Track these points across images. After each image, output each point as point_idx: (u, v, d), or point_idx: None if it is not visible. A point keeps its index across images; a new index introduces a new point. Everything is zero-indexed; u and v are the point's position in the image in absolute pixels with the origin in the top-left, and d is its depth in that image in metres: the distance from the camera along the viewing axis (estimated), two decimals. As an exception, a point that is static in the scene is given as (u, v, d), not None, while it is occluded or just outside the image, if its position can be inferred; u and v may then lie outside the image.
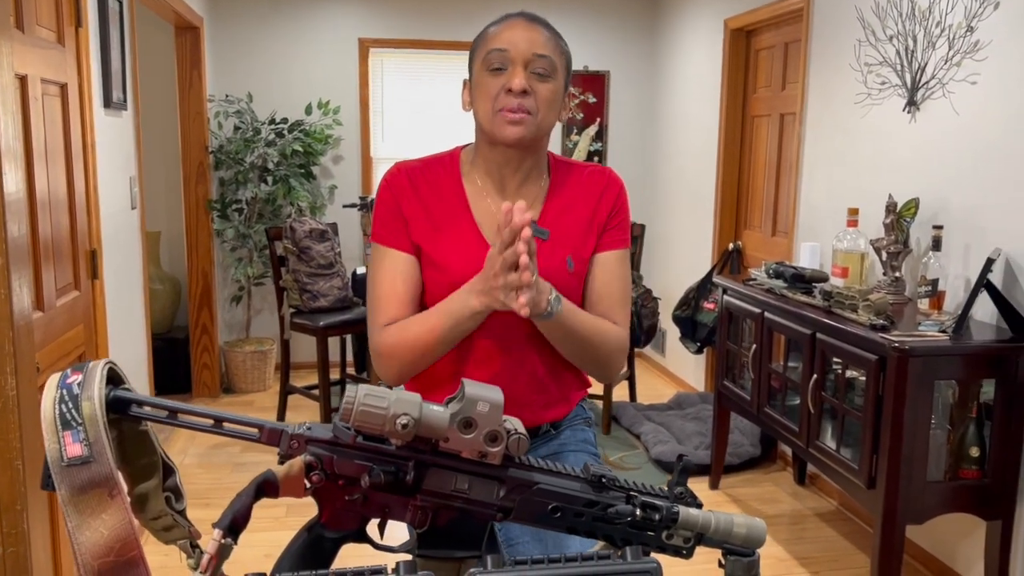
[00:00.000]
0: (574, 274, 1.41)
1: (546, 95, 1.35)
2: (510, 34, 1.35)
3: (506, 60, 1.34)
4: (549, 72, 1.35)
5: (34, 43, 2.19)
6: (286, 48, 5.02)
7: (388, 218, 1.41)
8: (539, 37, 1.35)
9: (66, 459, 0.73)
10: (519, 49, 1.33)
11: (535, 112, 1.34)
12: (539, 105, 1.35)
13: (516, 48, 1.34)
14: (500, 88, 1.34)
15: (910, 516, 2.38)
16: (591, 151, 5.42)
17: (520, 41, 1.34)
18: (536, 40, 1.35)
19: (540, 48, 1.34)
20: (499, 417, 0.82)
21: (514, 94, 1.33)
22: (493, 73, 1.35)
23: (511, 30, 1.35)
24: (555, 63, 1.36)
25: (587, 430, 1.52)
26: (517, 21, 1.37)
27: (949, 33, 2.74)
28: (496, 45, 1.35)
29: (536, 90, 1.34)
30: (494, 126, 1.35)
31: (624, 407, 4.36)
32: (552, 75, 1.36)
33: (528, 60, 1.34)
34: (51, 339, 2.25)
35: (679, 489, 0.87)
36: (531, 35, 1.35)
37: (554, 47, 1.37)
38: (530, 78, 1.34)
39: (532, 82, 1.34)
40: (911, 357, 2.30)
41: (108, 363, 0.79)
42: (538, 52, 1.34)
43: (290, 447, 0.82)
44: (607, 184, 1.47)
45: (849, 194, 3.31)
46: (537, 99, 1.34)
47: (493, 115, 1.35)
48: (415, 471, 0.82)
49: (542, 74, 1.35)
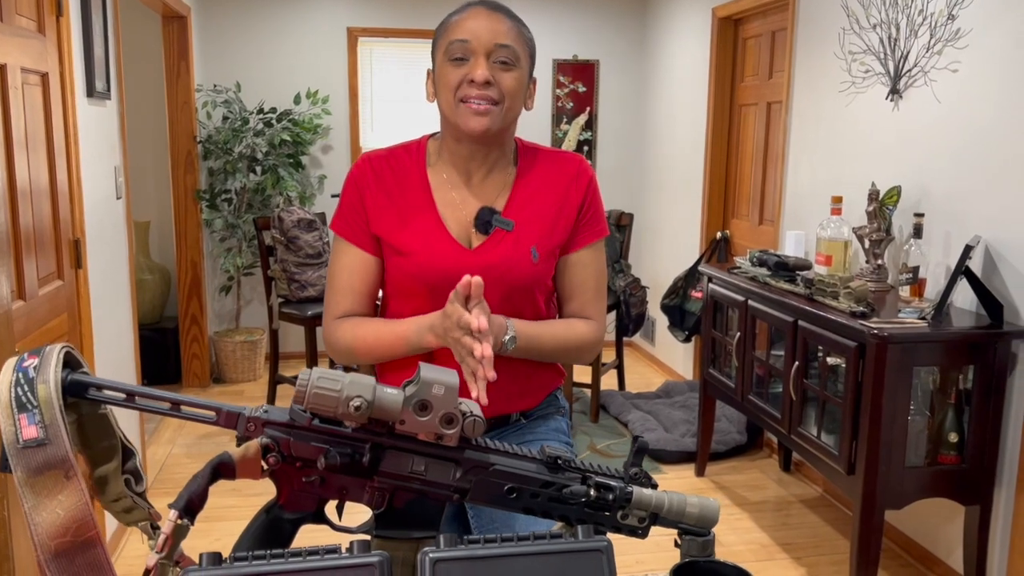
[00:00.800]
0: (539, 263, 1.41)
1: (510, 85, 1.34)
2: (472, 24, 1.33)
3: (468, 51, 1.33)
4: (512, 61, 1.34)
5: (13, 32, 2.18)
6: (274, 37, 5.01)
7: (349, 212, 1.43)
8: (501, 26, 1.34)
9: (22, 441, 0.74)
10: (481, 39, 1.32)
11: (500, 102, 1.34)
12: (504, 95, 1.34)
13: (478, 38, 1.32)
14: (462, 78, 1.33)
15: (889, 501, 2.40)
16: (581, 140, 5.42)
17: (482, 31, 1.33)
18: (498, 29, 1.33)
19: (502, 38, 1.33)
20: (455, 400, 0.83)
21: (476, 85, 1.32)
22: (455, 63, 1.34)
23: (473, 19, 1.34)
24: (518, 52, 1.35)
25: (560, 419, 1.52)
26: (478, 10, 1.35)
27: (931, 21, 2.74)
28: (457, 35, 1.34)
29: (499, 80, 1.33)
30: (458, 117, 1.34)
31: (612, 395, 4.38)
32: (515, 64, 1.35)
33: (490, 50, 1.33)
34: (33, 328, 2.26)
35: (634, 470, 0.88)
36: (493, 24, 1.33)
37: (516, 36, 1.36)
38: (493, 68, 1.33)
39: (495, 72, 1.33)
40: (890, 344, 2.31)
41: (65, 347, 0.80)
42: (500, 42, 1.33)
43: (247, 430, 0.83)
44: (576, 174, 1.45)
45: (833, 182, 3.32)
46: (501, 89, 1.33)
47: (456, 105, 1.34)
48: (372, 453, 0.83)
49: (505, 62, 1.34)
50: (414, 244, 1.39)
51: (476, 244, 1.40)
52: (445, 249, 1.39)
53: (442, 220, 1.41)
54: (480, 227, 1.40)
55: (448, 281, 1.37)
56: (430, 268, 1.37)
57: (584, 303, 1.46)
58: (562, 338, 1.41)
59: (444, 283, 1.37)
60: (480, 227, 1.40)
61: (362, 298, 1.43)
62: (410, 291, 1.40)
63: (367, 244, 1.42)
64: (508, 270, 1.38)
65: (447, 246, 1.39)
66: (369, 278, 1.43)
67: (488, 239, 1.40)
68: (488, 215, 1.41)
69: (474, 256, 1.39)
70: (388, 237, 1.40)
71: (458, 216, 1.41)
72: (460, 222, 1.41)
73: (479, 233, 1.40)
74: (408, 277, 1.39)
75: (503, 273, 1.38)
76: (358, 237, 1.42)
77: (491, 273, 1.37)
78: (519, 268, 1.39)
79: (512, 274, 1.38)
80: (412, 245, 1.39)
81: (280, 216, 4.08)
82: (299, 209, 4.16)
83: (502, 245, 1.39)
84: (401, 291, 1.42)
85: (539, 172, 1.45)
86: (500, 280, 1.38)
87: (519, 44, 1.36)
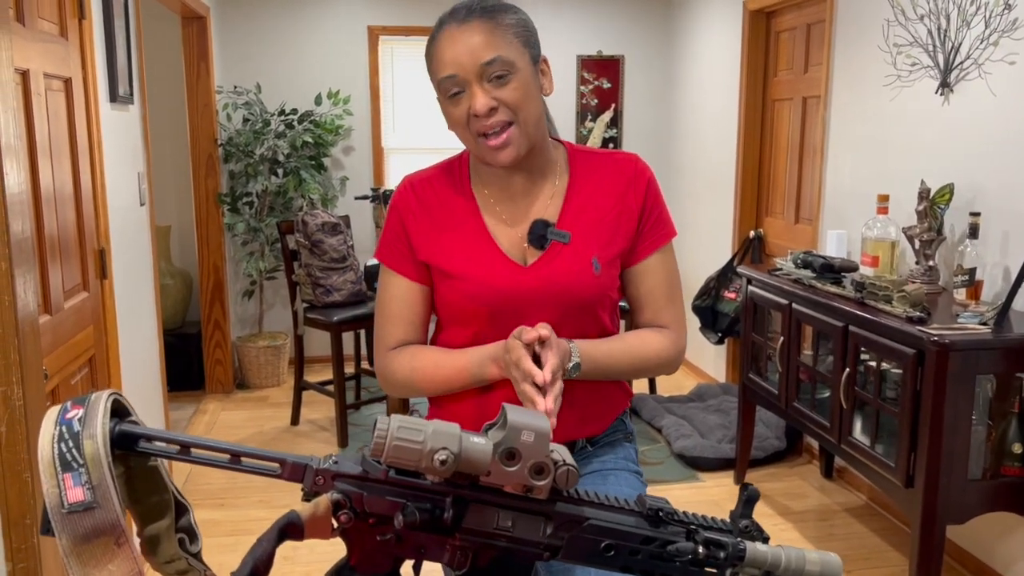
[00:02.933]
0: (601, 275, 1.31)
1: (514, 96, 1.22)
2: (449, 53, 1.22)
3: (458, 83, 1.22)
4: (507, 70, 1.22)
5: (36, 37, 2.11)
6: (294, 37, 4.93)
7: (392, 241, 1.35)
8: (479, 38, 1.21)
9: (67, 505, 0.65)
10: (465, 67, 1.21)
11: (515, 118, 1.23)
12: (515, 109, 1.22)
13: (462, 67, 1.21)
14: (467, 114, 1.23)
15: (950, 516, 2.29)
16: (606, 138, 5.31)
17: (461, 56, 1.21)
18: (476, 45, 1.21)
19: (485, 52, 1.20)
20: (546, 447, 0.74)
21: (482, 116, 1.22)
22: (453, 100, 1.24)
23: (449, 46, 1.22)
24: (508, 57, 1.22)
25: (628, 446, 1.42)
26: (451, 30, 1.22)
27: (985, 11, 2.62)
28: (442, 73, 1.23)
29: (502, 97, 1.22)
30: (482, 153, 1.26)
31: (644, 400, 4.28)
32: (512, 70, 1.22)
33: (479, 73, 1.21)
34: (59, 343, 2.18)
35: (744, 522, 0.79)
36: (470, 42, 1.21)
37: (501, 37, 1.22)
38: (489, 89, 1.21)
39: (494, 92, 1.21)
40: (951, 351, 2.20)
41: (113, 394, 0.71)
42: (484, 60, 1.20)
43: (315, 483, 0.74)
44: (634, 175, 1.35)
45: (877, 180, 3.20)
46: (509, 104, 1.22)
47: (475, 142, 1.25)
48: (454, 508, 0.74)
49: (501, 76, 1.21)
50: (465, 266, 1.30)
51: (531, 260, 1.30)
52: (498, 269, 1.29)
53: (492, 238, 1.31)
54: (534, 242, 1.30)
55: (506, 302, 1.28)
56: (485, 290, 1.28)
57: (657, 311, 1.36)
58: (636, 353, 1.32)
59: (502, 305, 1.27)
60: (534, 242, 1.30)
61: (413, 327, 1.35)
62: (466, 317, 1.31)
63: (412, 272, 1.34)
64: (569, 285, 1.28)
65: (500, 265, 1.30)
66: (418, 307, 1.35)
67: (544, 254, 1.30)
68: (542, 228, 1.31)
69: (530, 273, 1.29)
70: (437, 262, 1.32)
71: (509, 233, 1.32)
72: (511, 239, 1.31)
73: (534, 248, 1.31)
74: (463, 301, 1.30)
75: (564, 289, 1.28)
76: (402, 266, 1.34)
77: (550, 290, 1.28)
78: (581, 282, 1.29)
79: (573, 289, 1.29)
80: (463, 268, 1.30)
81: (304, 220, 4.00)
82: (323, 212, 4.08)
83: (559, 259, 1.30)
84: (457, 318, 1.33)
85: (593, 177, 1.35)
86: (560, 297, 1.28)
87: (507, 46, 1.22)
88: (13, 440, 1.66)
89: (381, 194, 4.60)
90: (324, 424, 4.19)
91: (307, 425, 4.19)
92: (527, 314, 1.26)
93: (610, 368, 1.29)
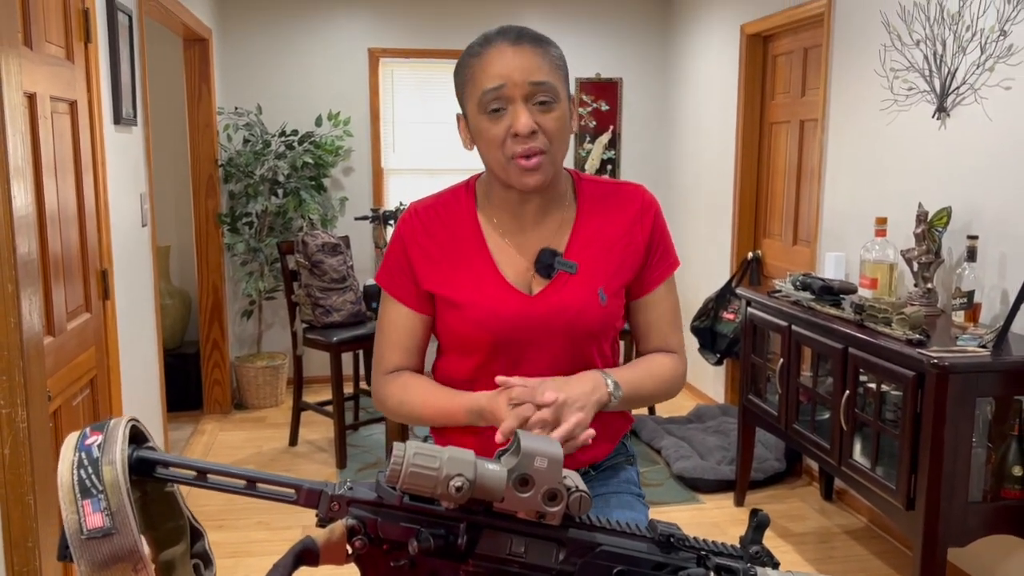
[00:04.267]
0: (607, 306, 1.32)
1: (554, 127, 1.23)
2: (500, 66, 1.21)
3: (503, 98, 1.21)
4: (552, 98, 1.22)
5: (43, 60, 2.13)
6: (295, 59, 4.97)
7: (395, 269, 1.35)
8: (531, 61, 1.21)
9: (86, 531, 0.66)
10: (515, 81, 1.20)
11: (548, 149, 1.23)
12: (551, 139, 1.23)
13: (512, 81, 1.20)
14: (505, 133, 1.22)
15: (952, 539, 2.29)
16: (604, 159, 5.35)
17: (513, 72, 1.20)
18: (529, 65, 1.21)
19: (536, 74, 1.21)
20: (559, 473, 0.75)
21: (522, 138, 1.21)
22: (492, 116, 1.22)
23: (499, 60, 1.21)
24: (555, 85, 1.23)
25: (629, 468, 1.43)
26: (502, 47, 1.22)
27: (981, 37, 2.65)
28: (488, 84, 1.21)
29: (544, 124, 1.22)
30: (509, 176, 1.25)
31: (644, 421, 4.28)
32: (556, 100, 1.23)
33: (527, 93, 1.21)
34: (62, 364, 2.19)
35: (755, 548, 0.79)
36: (522, 61, 1.21)
37: (550, 65, 1.24)
38: (533, 112, 1.21)
39: (537, 116, 1.21)
40: (951, 374, 2.21)
41: (131, 421, 0.72)
42: (535, 79, 1.21)
43: (330, 509, 0.74)
44: (641, 208, 1.36)
45: (875, 202, 3.23)
46: (547, 133, 1.22)
47: (506, 163, 1.24)
48: (467, 534, 0.75)
49: (545, 102, 1.22)
50: (470, 295, 1.30)
51: (537, 290, 1.31)
52: (504, 297, 1.29)
53: (497, 266, 1.31)
54: (541, 271, 1.31)
55: (510, 331, 1.28)
56: (490, 318, 1.28)
57: (664, 338, 1.39)
58: (658, 377, 1.35)
59: (506, 334, 1.28)
60: (541, 271, 1.31)
61: (410, 354, 1.36)
62: (469, 345, 1.31)
63: (413, 302, 1.34)
64: (575, 315, 1.29)
65: (506, 294, 1.30)
66: (416, 334, 1.36)
67: (550, 284, 1.31)
68: (549, 257, 1.31)
69: (536, 302, 1.30)
70: (442, 291, 1.32)
71: (515, 261, 1.32)
72: (517, 267, 1.32)
73: (540, 277, 1.31)
74: (467, 329, 1.30)
75: (569, 319, 1.29)
76: (403, 294, 1.35)
77: (557, 319, 1.29)
78: (587, 313, 1.29)
79: (580, 320, 1.29)
80: (468, 296, 1.30)
81: (304, 240, 4.01)
82: (323, 233, 4.09)
83: (566, 289, 1.30)
84: (459, 345, 1.33)
85: (600, 207, 1.36)
86: (566, 327, 1.29)
87: (554, 74, 1.24)
88: (16, 462, 1.66)
89: (381, 215, 4.62)
90: (322, 445, 4.18)
91: (305, 446, 4.18)
92: (531, 343, 1.27)
93: (641, 393, 1.31)
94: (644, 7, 5.28)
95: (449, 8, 5.03)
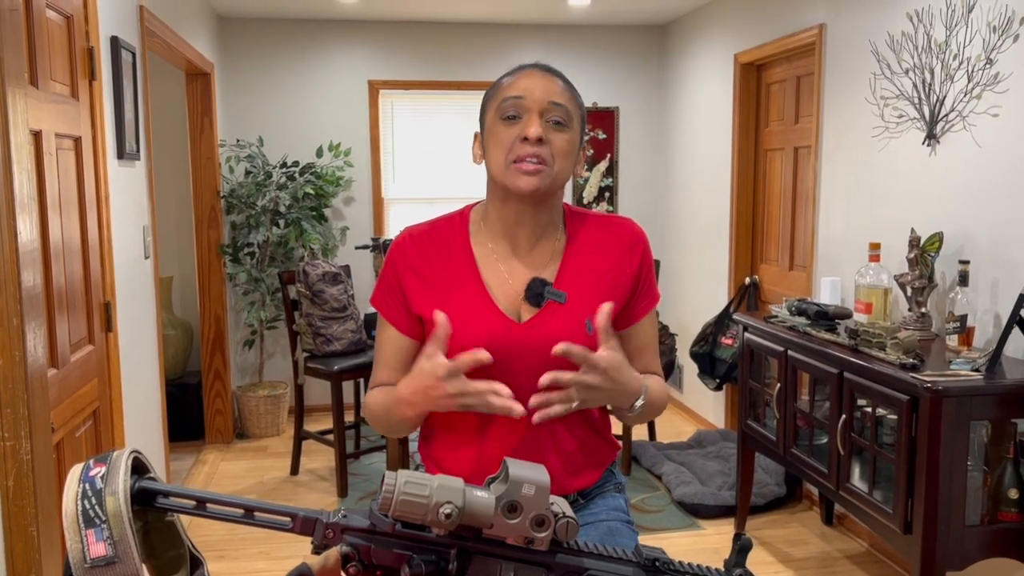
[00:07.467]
0: (594, 336, 1.34)
1: (562, 145, 1.31)
2: (526, 82, 1.32)
3: (521, 108, 1.31)
4: (565, 121, 1.32)
5: (48, 98, 2.18)
6: (296, 91, 5.04)
7: (386, 291, 1.41)
8: (555, 86, 1.33)
9: (89, 560, 0.69)
10: (535, 96, 1.30)
11: (550, 163, 1.30)
12: (555, 155, 1.31)
13: (532, 95, 1.30)
14: (515, 137, 1.30)
15: (950, 562, 2.30)
16: (602, 187, 5.40)
17: (536, 88, 1.31)
18: (552, 89, 1.32)
19: (556, 96, 1.31)
20: (546, 500, 0.77)
21: (530, 143, 1.29)
22: (507, 122, 1.32)
23: (527, 79, 1.33)
24: (571, 112, 1.33)
25: (618, 496, 1.46)
26: (532, 71, 1.35)
27: (968, 66, 2.71)
28: (511, 93, 1.32)
29: (552, 140, 1.31)
30: (507, 177, 1.31)
31: (644, 447, 4.28)
32: (568, 124, 1.32)
33: (544, 108, 1.31)
34: (65, 396, 2.21)
35: (738, 571, 0.81)
36: (547, 84, 1.32)
37: (570, 98, 1.34)
38: (546, 127, 1.30)
39: (548, 131, 1.30)
40: (945, 397, 2.24)
41: (133, 452, 0.75)
42: (554, 100, 1.31)
43: (325, 537, 0.77)
44: (631, 243, 1.41)
45: (868, 228, 3.26)
46: (553, 149, 1.30)
47: (507, 166, 1.31)
48: (458, 560, 0.77)
49: (558, 123, 1.31)
50: (459, 318, 1.33)
51: (526, 317, 1.35)
52: (492, 322, 1.33)
53: (488, 292, 1.35)
54: (531, 299, 1.35)
55: (496, 355, 1.30)
56: (477, 343, 1.30)
57: (647, 363, 1.45)
58: (657, 391, 1.40)
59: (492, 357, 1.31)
60: (531, 299, 1.35)
61: (399, 373, 1.39)
62: None
63: (403, 325, 1.40)
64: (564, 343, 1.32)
65: (495, 319, 1.33)
66: (404, 354, 1.41)
67: (539, 312, 1.35)
68: (539, 287, 1.35)
69: (525, 330, 1.33)
70: (431, 315, 1.34)
71: (505, 288, 1.36)
72: (508, 294, 1.36)
73: (529, 305, 1.35)
74: (453, 352, 1.32)
75: None
76: (393, 316, 1.40)
77: (542, 347, 1.31)
78: (574, 342, 1.32)
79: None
80: (456, 319, 1.32)
81: (305, 270, 4.05)
82: (324, 262, 4.13)
83: (554, 318, 1.34)
84: None
85: (590, 240, 1.41)
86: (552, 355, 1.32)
87: (572, 105, 1.34)
88: (20, 494, 1.69)
89: (381, 244, 4.66)
90: (324, 474, 4.18)
91: (307, 475, 4.19)
92: (516, 369, 1.30)
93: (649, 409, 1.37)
94: (640, 38, 5.36)
95: (448, 40, 5.12)
